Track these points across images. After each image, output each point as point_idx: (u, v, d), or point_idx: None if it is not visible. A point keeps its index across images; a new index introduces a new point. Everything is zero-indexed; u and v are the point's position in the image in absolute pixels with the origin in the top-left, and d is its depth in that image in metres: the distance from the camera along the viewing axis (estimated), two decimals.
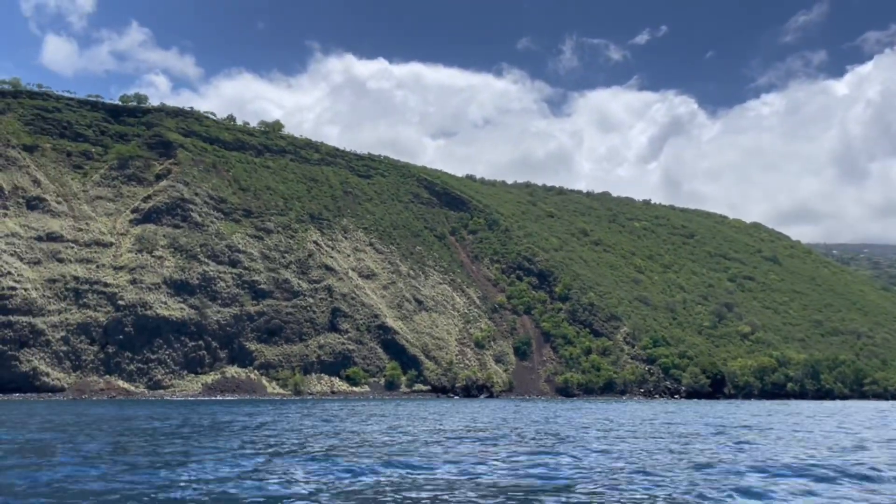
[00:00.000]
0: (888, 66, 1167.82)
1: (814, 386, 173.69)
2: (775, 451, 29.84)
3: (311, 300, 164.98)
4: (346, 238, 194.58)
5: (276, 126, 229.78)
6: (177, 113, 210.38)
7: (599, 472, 22.48)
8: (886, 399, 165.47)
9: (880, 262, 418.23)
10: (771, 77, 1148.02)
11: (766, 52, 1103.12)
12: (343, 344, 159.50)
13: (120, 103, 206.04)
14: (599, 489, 19.16)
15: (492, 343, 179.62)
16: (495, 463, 24.58)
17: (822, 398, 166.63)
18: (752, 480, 20.70)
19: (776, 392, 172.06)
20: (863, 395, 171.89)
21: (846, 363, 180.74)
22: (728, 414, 69.59)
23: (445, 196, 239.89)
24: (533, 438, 35.92)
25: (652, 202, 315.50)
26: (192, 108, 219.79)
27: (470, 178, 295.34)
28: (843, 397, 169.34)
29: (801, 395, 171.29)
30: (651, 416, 61.75)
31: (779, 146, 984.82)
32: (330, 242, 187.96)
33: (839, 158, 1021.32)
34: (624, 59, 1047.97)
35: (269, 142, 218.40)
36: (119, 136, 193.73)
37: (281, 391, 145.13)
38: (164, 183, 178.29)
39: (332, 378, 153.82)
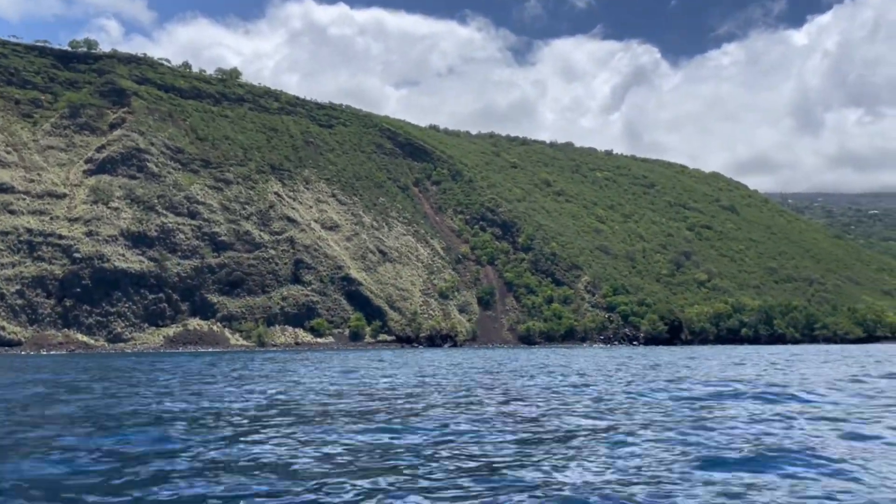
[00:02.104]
0: (846, 16, 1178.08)
1: (767, 331, 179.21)
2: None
3: (273, 252, 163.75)
4: (307, 189, 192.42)
5: (234, 74, 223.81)
6: (130, 59, 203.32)
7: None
8: (835, 343, 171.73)
9: (833, 211, 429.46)
10: (731, 26, 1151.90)
11: (726, 1, 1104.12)
12: (306, 295, 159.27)
13: (69, 49, 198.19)
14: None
15: (455, 293, 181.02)
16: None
17: (775, 343, 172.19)
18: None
19: (731, 337, 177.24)
20: (813, 340, 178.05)
21: (798, 309, 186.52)
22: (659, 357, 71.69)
23: (409, 147, 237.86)
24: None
25: (614, 152, 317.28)
26: (145, 54, 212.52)
27: (433, 128, 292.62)
28: (795, 342, 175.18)
29: (755, 340, 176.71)
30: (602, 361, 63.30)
31: (738, 96, 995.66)
32: (291, 193, 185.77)
33: (796, 109, 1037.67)
34: (588, 7, 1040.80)
35: (226, 90, 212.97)
36: (69, 83, 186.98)
37: (244, 343, 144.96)
38: (118, 132, 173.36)
39: (296, 329, 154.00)
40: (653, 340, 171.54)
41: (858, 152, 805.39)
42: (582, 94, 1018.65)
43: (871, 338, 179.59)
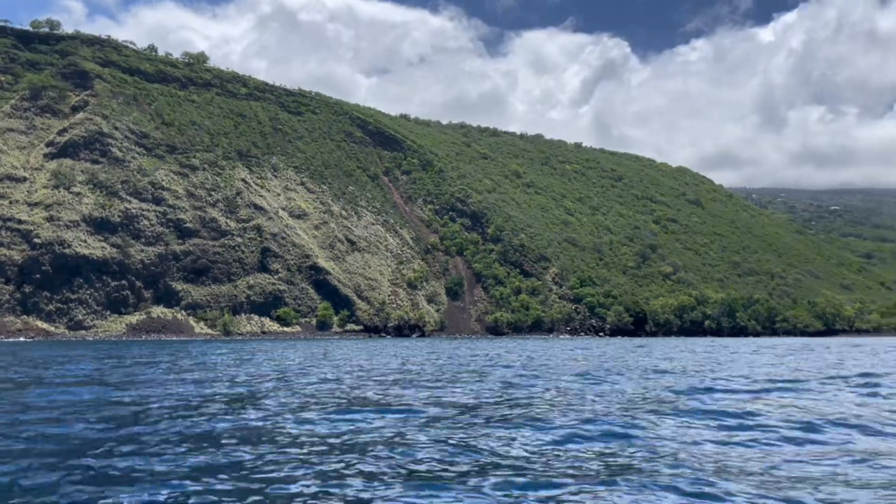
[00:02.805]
0: (811, 14, 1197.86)
1: (729, 323, 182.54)
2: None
3: (239, 239, 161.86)
4: (275, 176, 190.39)
5: (201, 58, 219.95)
6: (93, 41, 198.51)
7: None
8: (795, 335, 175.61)
9: (795, 207, 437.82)
10: (699, 22, 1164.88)
11: None
12: (273, 284, 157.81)
13: (31, 29, 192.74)
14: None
15: (424, 283, 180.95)
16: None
17: (736, 335, 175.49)
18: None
19: (694, 329, 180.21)
20: (774, 332, 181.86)
21: (760, 302, 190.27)
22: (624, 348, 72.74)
23: (379, 135, 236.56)
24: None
25: (583, 145, 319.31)
26: (109, 36, 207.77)
27: (404, 117, 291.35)
28: (757, 334, 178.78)
29: (718, 332, 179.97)
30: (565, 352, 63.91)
31: (705, 92, 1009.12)
32: (259, 181, 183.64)
33: (761, 106, 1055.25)
34: (560, 0, 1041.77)
35: (193, 74, 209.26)
36: (30, 64, 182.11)
37: (209, 331, 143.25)
38: (80, 115, 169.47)
39: (263, 318, 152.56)
40: (618, 332, 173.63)
41: (820, 149, 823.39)
42: (552, 87, 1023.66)
43: (829, 331, 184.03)
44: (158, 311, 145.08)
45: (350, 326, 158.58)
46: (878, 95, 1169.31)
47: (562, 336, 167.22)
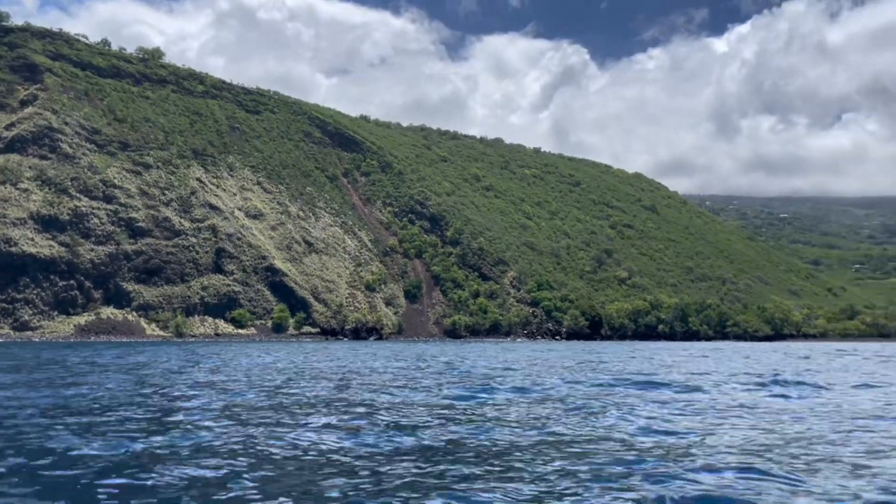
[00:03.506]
0: (764, 26, 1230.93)
1: (682, 328, 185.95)
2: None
3: (193, 240, 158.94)
4: (231, 176, 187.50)
5: (156, 54, 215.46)
6: (44, 34, 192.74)
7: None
8: (745, 340, 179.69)
9: (747, 214, 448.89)
10: (656, 31, 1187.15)
11: (653, 6, 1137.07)
12: (228, 285, 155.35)
13: None
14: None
15: (382, 286, 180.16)
16: None
17: (689, 339, 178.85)
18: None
19: (648, 333, 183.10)
20: (725, 337, 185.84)
21: (712, 307, 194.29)
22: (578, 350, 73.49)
23: (338, 136, 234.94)
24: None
25: (542, 150, 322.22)
26: (61, 29, 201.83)
27: (364, 118, 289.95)
28: (709, 338, 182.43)
29: (671, 336, 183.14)
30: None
31: (661, 100, 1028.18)
32: (214, 180, 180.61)
33: (714, 114, 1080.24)
34: (521, 5, 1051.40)
35: (148, 70, 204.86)
36: None
37: (161, 333, 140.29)
38: (29, 110, 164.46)
39: (217, 320, 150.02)
40: (574, 335, 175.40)
41: (771, 158, 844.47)
42: (512, 91, 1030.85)
43: (777, 335, 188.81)
44: (108, 311, 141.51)
45: (307, 329, 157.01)
46: (827, 106, 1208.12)
47: (519, 339, 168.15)
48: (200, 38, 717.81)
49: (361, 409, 19.40)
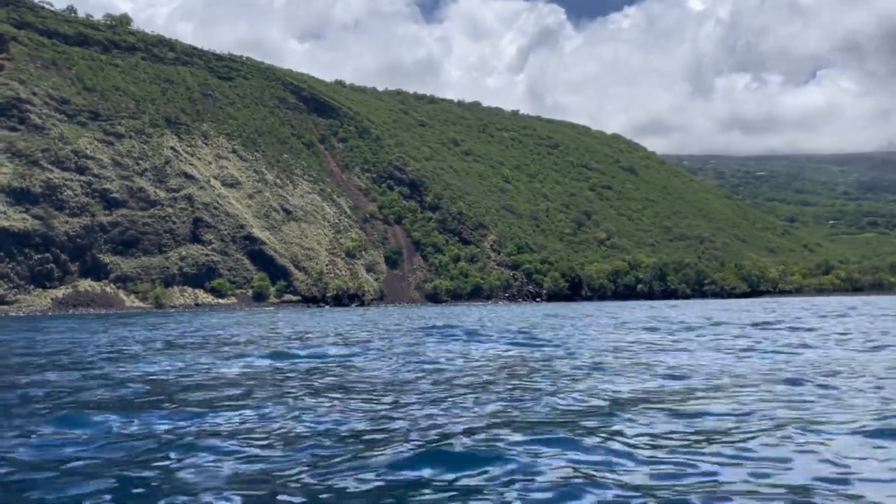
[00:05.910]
0: None
1: (661, 287, 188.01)
2: None
3: (169, 210, 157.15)
4: (206, 144, 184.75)
5: (124, 20, 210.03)
6: (7, 2, 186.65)
7: None
8: (722, 297, 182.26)
9: (724, 173, 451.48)
10: None
11: None
12: (207, 255, 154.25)
13: None
14: None
15: (363, 252, 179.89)
16: None
17: (668, 298, 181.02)
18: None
19: (627, 293, 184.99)
20: (703, 295, 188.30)
21: (690, 266, 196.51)
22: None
23: (313, 102, 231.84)
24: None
25: (520, 113, 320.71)
26: None
27: (339, 83, 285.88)
28: (687, 297, 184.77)
29: (650, 295, 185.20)
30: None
31: (636, 59, 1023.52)
32: (189, 149, 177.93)
33: (690, 73, 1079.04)
34: None
35: (116, 37, 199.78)
36: None
37: (140, 304, 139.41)
38: None
39: (196, 290, 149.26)
40: (555, 297, 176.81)
41: (746, 116, 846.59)
42: (488, 54, 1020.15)
43: (754, 292, 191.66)
44: (86, 284, 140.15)
45: (287, 297, 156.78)
46: (801, 63, 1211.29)
47: (500, 302, 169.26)
48: (169, 5, 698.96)
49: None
